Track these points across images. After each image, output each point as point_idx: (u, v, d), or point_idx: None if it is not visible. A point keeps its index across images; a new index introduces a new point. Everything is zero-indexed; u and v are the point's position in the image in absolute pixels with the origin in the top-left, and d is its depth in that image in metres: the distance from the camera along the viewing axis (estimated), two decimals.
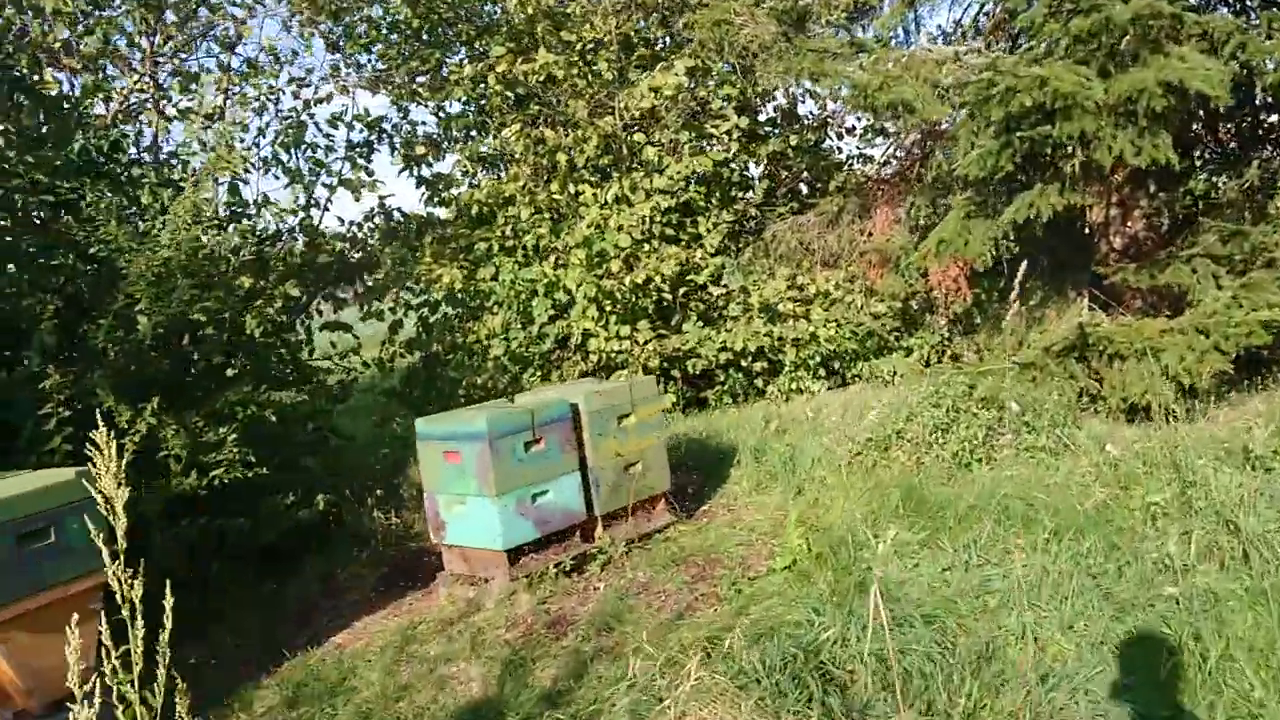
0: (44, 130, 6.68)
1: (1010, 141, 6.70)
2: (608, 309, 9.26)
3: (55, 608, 3.94)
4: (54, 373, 4.72)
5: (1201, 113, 8.02)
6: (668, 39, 10.72)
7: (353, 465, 7.83)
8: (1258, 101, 8.29)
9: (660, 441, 6.18)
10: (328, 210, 10.85)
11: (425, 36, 10.44)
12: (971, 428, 6.53)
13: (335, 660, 4.90)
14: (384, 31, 10.32)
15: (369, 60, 10.64)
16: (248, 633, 5.43)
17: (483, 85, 9.99)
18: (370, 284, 9.92)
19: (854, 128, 11.64)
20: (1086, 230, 8.64)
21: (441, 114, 10.83)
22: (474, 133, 10.74)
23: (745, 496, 6.73)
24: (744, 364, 9.64)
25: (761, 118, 11.15)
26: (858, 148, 11.79)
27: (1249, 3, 8.33)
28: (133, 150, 7.48)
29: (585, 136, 9.38)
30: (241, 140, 8.87)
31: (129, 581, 2.04)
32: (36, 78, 6.68)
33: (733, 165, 10.48)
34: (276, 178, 8.82)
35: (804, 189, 11.49)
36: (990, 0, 9.73)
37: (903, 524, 5.40)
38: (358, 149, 9.98)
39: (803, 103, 11.65)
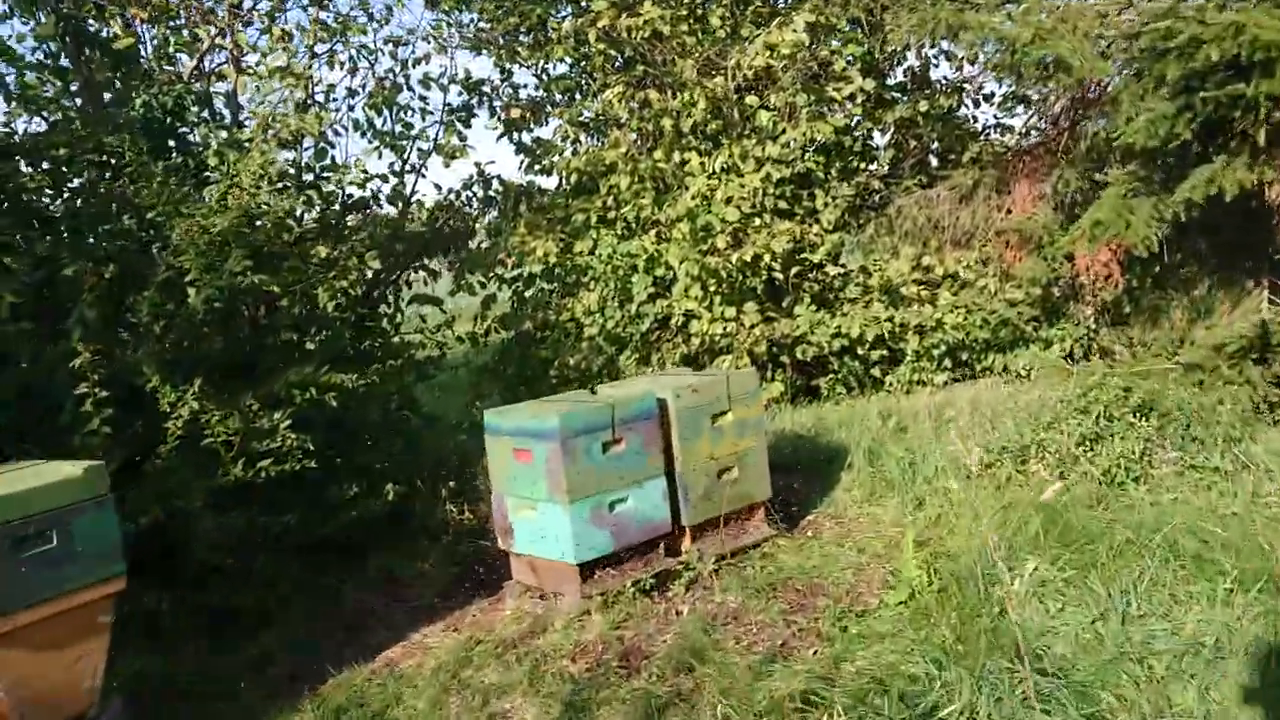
0: (116, 87, 6.31)
1: (1190, 103, 5.65)
2: (712, 288, 8.55)
3: (56, 622, 3.48)
4: (84, 350, 4.28)
5: None
6: None
7: (432, 449, 7.32)
8: None
9: (760, 443, 5.44)
10: (423, 176, 10.36)
11: None
12: (1128, 440, 5.59)
13: (382, 682, 4.36)
14: None
15: (471, 19, 10.10)
16: (294, 637, 4.95)
17: (585, 46, 9.32)
18: (464, 256, 9.39)
19: (993, 94, 10.57)
20: (1265, 210, 7.48)
21: (544, 76, 10.24)
22: (577, 95, 10.10)
23: (856, 507, 5.95)
24: (861, 352, 8.82)
25: (890, 82, 10.18)
26: (996, 116, 10.73)
27: None
28: (218, 107, 7.10)
29: (693, 99, 8.62)
30: (335, 100, 8.45)
31: None
32: (105, 31, 6.31)
33: (856, 133, 9.58)
34: (370, 142, 8.34)
35: (934, 161, 10.46)
36: None
37: (1043, 556, 4.54)
38: (456, 113, 9.44)
39: (936, 66, 10.62)
